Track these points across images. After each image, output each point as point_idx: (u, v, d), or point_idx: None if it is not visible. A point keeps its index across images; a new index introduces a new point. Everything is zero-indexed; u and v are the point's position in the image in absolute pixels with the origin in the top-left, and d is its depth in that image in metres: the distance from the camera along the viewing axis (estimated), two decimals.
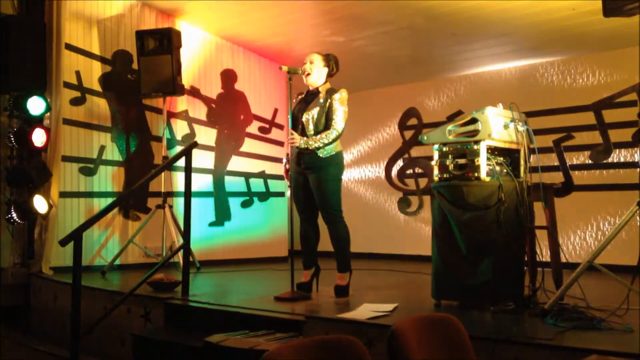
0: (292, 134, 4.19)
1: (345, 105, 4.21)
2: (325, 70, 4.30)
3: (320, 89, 4.27)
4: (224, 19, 6.56)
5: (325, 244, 4.40)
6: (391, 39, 6.44)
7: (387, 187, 7.75)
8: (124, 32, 6.33)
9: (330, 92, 4.23)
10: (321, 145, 4.13)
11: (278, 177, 7.41)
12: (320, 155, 4.16)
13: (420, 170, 7.48)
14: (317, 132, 4.17)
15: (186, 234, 4.40)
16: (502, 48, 6.32)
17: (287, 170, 4.36)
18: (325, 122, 4.19)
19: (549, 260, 4.07)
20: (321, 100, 4.21)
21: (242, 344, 3.17)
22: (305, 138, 4.16)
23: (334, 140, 4.16)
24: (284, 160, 4.43)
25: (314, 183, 4.20)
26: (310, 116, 4.19)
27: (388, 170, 7.76)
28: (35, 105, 5.46)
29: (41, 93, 5.52)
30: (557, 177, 6.28)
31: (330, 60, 4.32)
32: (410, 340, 1.88)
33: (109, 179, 6.20)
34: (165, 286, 4.49)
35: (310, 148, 4.13)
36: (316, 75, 4.26)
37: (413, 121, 7.56)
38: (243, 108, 7.21)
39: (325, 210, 4.23)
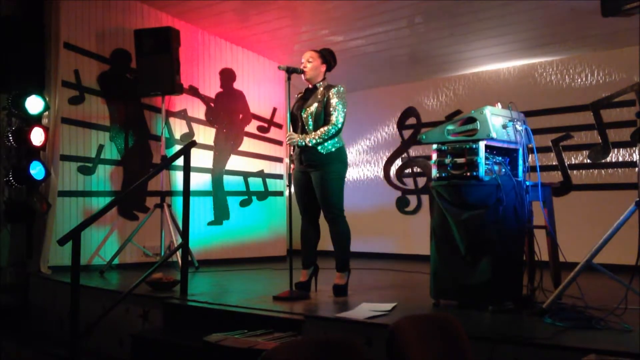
0: (289, 134, 4.19)
1: (344, 99, 4.19)
2: (323, 66, 4.30)
3: (318, 86, 4.27)
4: (223, 18, 6.56)
5: (323, 243, 4.40)
6: (390, 39, 6.44)
7: (385, 186, 7.75)
8: (122, 31, 6.32)
9: (328, 88, 4.23)
10: (320, 141, 4.11)
11: (277, 177, 7.41)
12: (322, 151, 4.14)
13: (418, 170, 7.48)
14: (316, 128, 4.15)
15: (185, 233, 4.40)
16: (500, 48, 6.33)
17: (292, 169, 4.35)
18: (324, 118, 4.18)
19: (547, 259, 4.07)
20: (319, 96, 4.20)
21: (241, 343, 3.17)
22: (304, 135, 4.16)
23: (333, 136, 4.14)
24: (288, 161, 4.40)
25: (316, 181, 4.18)
26: (309, 112, 4.18)
27: (387, 169, 7.77)
28: (34, 104, 5.46)
29: (40, 92, 5.52)
30: (556, 177, 6.29)
31: (327, 56, 4.31)
32: (409, 339, 1.88)
33: (107, 178, 6.20)
34: (164, 285, 4.49)
35: (310, 145, 4.13)
36: (314, 72, 4.26)
37: (412, 120, 7.56)
38: (242, 107, 7.20)
39: (327, 208, 4.21)
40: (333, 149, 4.17)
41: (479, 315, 3.43)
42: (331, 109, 4.15)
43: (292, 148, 4.28)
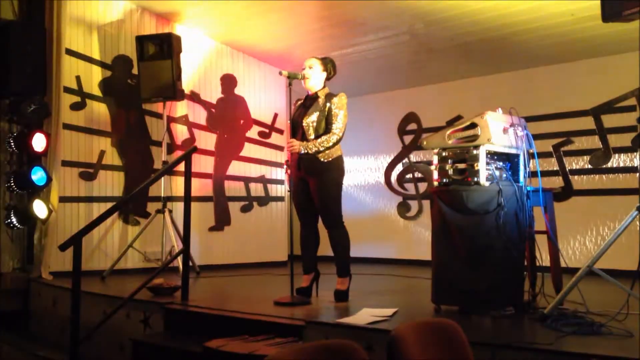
0: (290, 141, 4.19)
1: (345, 109, 4.21)
2: (324, 74, 4.31)
3: (319, 94, 4.28)
4: (224, 24, 6.57)
5: (325, 248, 4.40)
6: (390, 44, 6.45)
7: (386, 191, 7.75)
8: (124, 37, 6.34)
9: (329, 97, 4.24)
10: (321, 149, 4.13)
11: (278, 182, 7.41)
12: (321, 159, 4.16)
13: (419, 175, 7.48)
14: (317, 137, 4.17)
15: (186, 238, 4.40)
16: (500, 52, 6.33)
17: (289, 176, 4.36)
18: (325, 127, 4.19)
19: (548, 265, 4.07)
20: (320, 105, 4.22)
21: (242, 348, 3.16)
22: (305, 143, 4.17)
23: (334, 145, 4.16)
24: (285, 167, 4.42)
25: (314, 188, 4.20)
26: (310, 121, 4.19)
27: (387, 175, 7.77)
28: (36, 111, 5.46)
29: (41, 98, 5.52)
30: (557, 182, 6.28)
31: (328, 64, 4.33)
32: (410, 345, 1.87)
33: (108, 184, 6.20)
34: (165, 291, 4.49)
35: (311, 152, 4.14)
36: (315, 79, 4.27)
37: (412, 126, 7.57)
38: (243, 113, 7.21)
39: (325, 215, 4.23)
40: (332, 158, 4.19)
41: (481, 321, 3.42)
42: (332, 118, 4.17)
43: (289, 154, 4.29)
